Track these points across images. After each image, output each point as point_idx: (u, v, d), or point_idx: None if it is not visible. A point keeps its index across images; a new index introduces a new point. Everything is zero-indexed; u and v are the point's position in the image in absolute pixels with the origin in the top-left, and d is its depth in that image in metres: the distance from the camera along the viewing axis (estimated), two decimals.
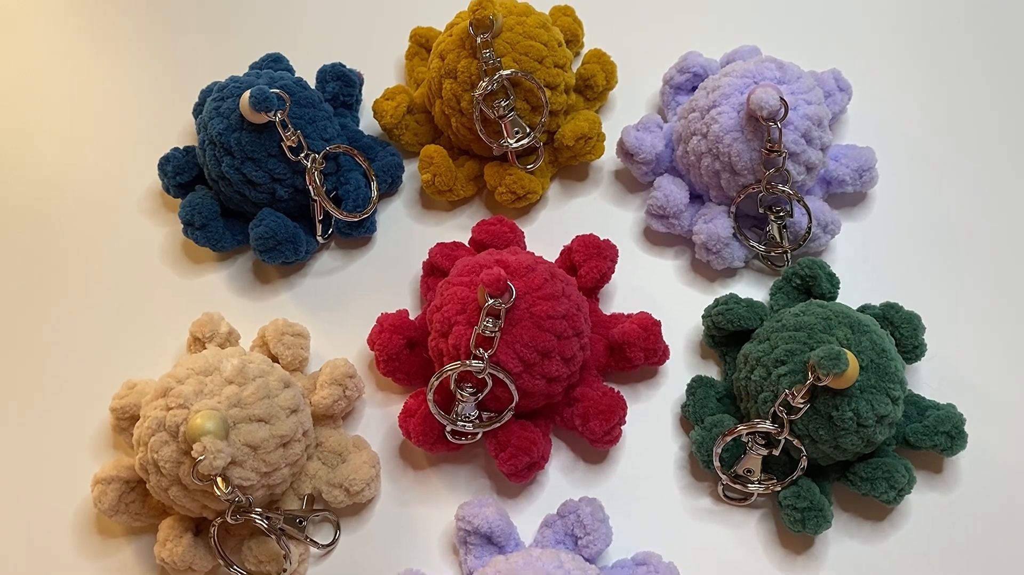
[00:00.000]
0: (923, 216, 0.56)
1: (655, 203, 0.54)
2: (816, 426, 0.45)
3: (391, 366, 0.51)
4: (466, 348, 0.46)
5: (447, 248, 0.54)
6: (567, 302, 0.47)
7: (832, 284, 0.51)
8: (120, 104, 0.64)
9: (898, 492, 0.46)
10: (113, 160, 0.61)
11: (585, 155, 0.56)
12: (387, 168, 0.57)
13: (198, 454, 0.42)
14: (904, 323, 0.49)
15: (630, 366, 0.51)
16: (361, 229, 0.56)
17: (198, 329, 0.52)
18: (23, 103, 0.64)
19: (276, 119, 0.51)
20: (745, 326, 0.50)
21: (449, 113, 0.55)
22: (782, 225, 0.53)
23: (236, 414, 0.44)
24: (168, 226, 0.59)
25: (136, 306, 0.56)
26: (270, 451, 0.45)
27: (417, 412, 0.49)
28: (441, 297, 0.48)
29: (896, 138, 0.58)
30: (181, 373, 0.46)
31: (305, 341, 0.52)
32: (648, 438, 0.51)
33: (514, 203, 0.56)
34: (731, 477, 0.48)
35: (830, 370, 0.42)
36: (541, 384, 0.47)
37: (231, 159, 0.53)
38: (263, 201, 0.54)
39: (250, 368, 0.46)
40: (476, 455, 0.51)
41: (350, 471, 0.48)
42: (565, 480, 0.50)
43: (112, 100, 0.64)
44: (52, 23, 0.67)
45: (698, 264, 0.55)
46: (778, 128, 0.49)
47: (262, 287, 0.57)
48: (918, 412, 0.49)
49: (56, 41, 0.66)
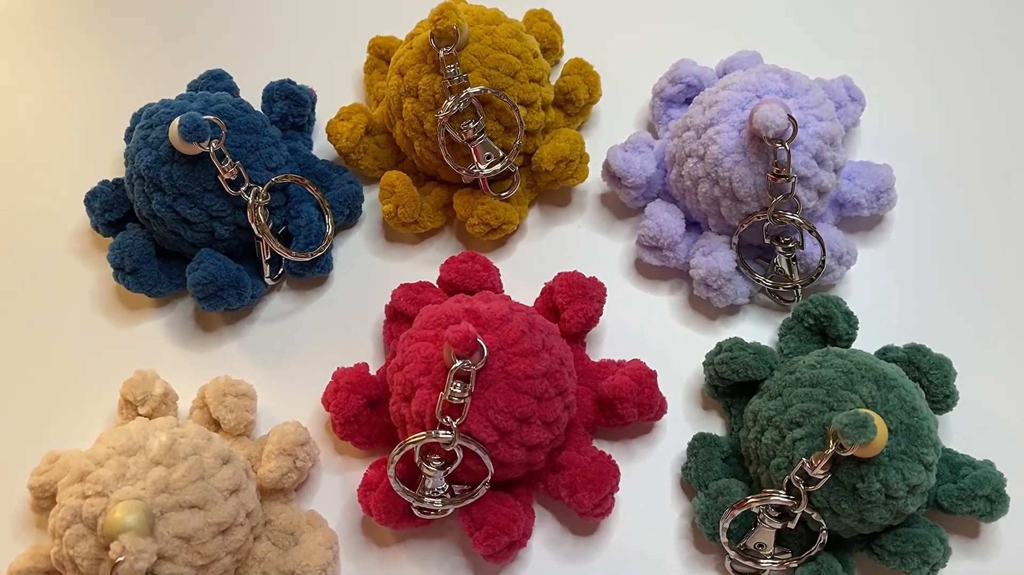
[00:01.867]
0: (948, 240, 0.50)
1: (647, 233, 0.48)
2: (838, 498, 0.39)
3: (349, 429, 0.44)
4: (431, 416, 0.40)
5: (412, 291, 0.47)
6: (548, 357, 0.41)
7: (850, 324, 0.45)
8: (46, 130, 0.57)
9: (932, 567, 0.40)
10: (38, 194, 0.55)
11: (567, 179, 0.50)
12: (344, 198, 0.50)
13: (117, 554, 0.36)
14: (933, 369, 0.43)
15: (622, 423, 0.45)
16: (315, 268, 0.49)
17: (129, 391, 0.45)
18: None
19: (211, 149, 0.45)
20: (753, 376, 0.44)
21: (412, 136, 0.48)
22: (791, 258, 0.46)
23: (164, 501, 0.38)
24: (100, 267, 0.52)
25: (64, 360, 0.50)
26: (206, 541, 0.39)
27: (379, 485, 0.42)
28: (403, 354, 0.42)
29: (916, 152, 0.52)
30: (101, 453, 0.39)
31: (251, 402, 0.46)
32: (645, 504, 0.45)
33: (488, 235, 0.49)
34: (740, 551, 0.42)
35: (856, 439, 0.36)
36: (520, 453, 0.41)
37: (162, 195, 0.46)
38: (201, 241, 0.48)
39: (181, 445, 0.40)
40: (449, 528, 0.45)
41: (303, 555, 0.42)
42: (551, 556, 0.44)
43: (37, 125, 0.57)
44: None
45: (697, 300, 0.49)
46: (786, 150, 0.43)
47: (205, 336, 0.50)
48: (951, 470, 0.43)
49: None
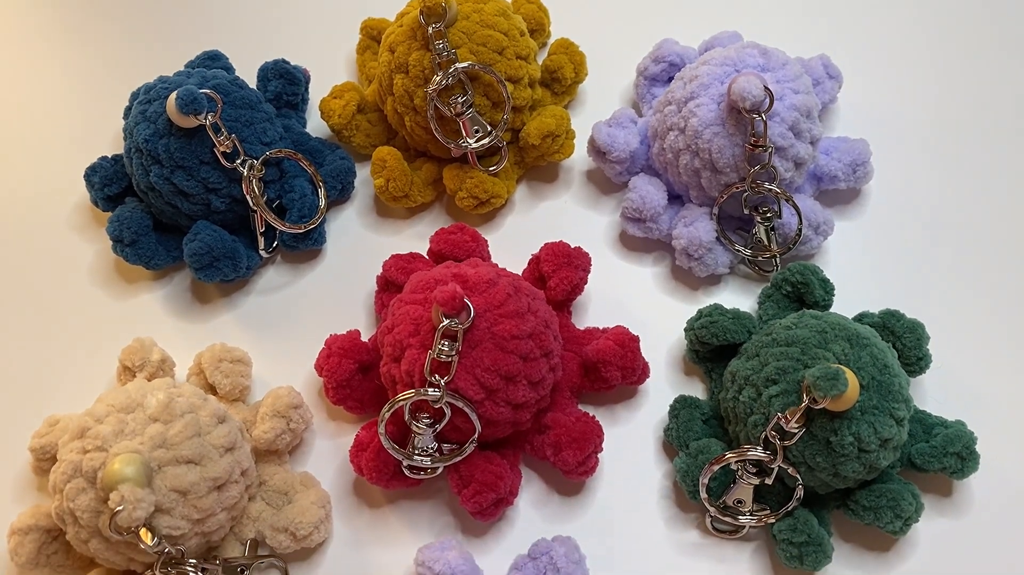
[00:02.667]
0: (924, 213, 0.52)
1: (630, 205, 0.49)
2: (813, 452, 0.40)
3: (341, 394, 0.46)
4: (420, 375, 0.41)
5: (403, 260, 0.49)
6: (534, 319, 0.43)
7: (826, 291, 0.46)
8: (47, 111, 0.58)
9: (905, 522, 0.41)
10: (39, 171, 0.56)
11: (553, 154, 0.51)
12: (337, 173, 0.52)
13: (116, 504, 0.37)
14: (907, 333, 0.45)
15: (606, 386, 0.46)
16: (308, 241, 0.51)
17: (128, 357, 0.47)
18: None
19: (207, 122, 0.46)
20: (732, 340, 0.45)
21: (402, 111, 0.50)
22: (769, 227, 0.48)
23: (161, 456, 0.39)
24: (99, 243, 0.54)
25: (64, 331, 0.51)
26: (202, 496, 0.40)
27: (370, 446, 0.44)
28: (393, 317, 0.44)
29: (892, 129, 0.54)
30: (100, 411, 0.41)
31: (246, 368, 0.47)
32: (628, 465, 0.46)
33: (476, 209, 0.51)
34: (720, 508, 0.43)
35: (828, 391, 0.37)
36: (506, 412, 0.42)
37: (160, 168, 0.47)
38: (198, 213, 0.49)
39: (178, 403, 0.41)
40: (438, 490, 0.46)
41: (296, 513, 0.43)
42: (537, 515, 0.46)
43: (38, 105, 0.58)
44: None
45: (679, 271, 0.51)
46: (763, 121, 0.44)
47: (201, 308, 0.52)
48: (924, 430, 0.44)
49: None
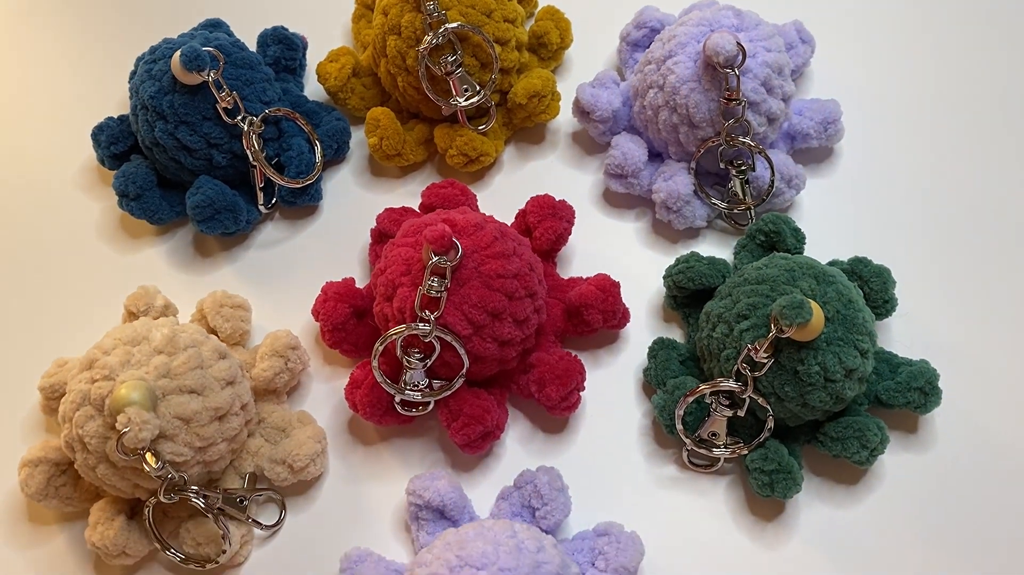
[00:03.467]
0: (892, 172, 0.54)
1: (613, 162, 0.52)
2: (781, 382, 0.42)
3: (337, 337, 0.48)
4: (411, 311, 0.43)
5: (396, 213, 0.51)
6: (519, 261, 0.45)
7: (797, 240, 0.48)
8: (54, 75, 0.61)
9: (871, 452, 0.44)
10: (47, 133, 0.59)
11: (539, 115, 0.54)
12: (333, 133, 0.54)
13: (122, 426, 0.39)
14: (873, 277, 0.47)
15: (589, 330, 0.48)
16: (306, 197, 0.53)
17: (132, 303, 0.49)
18: None
19: (209, 79, 0.48)
20: (707, 284, 0.47)
21: (395, 72, 0.52)
22: (744, 180, 0.50)
23: (166, 385, 0.42)
24: (104, 200, 0.56)
25: (71, 284, 0.54)
26: (204, 424, 0.42)
27: (364, 383, 0.46)
28: (385, 259, 0.46)
29: (863, 92, 0.56)
30: (107, 344, 0.43)
31: (245, 313, 0.49)
32: (609, 406, 0.49)
33: (466, 166, 0.53)
34: (696, 441, 0.45)
35: (793, 320, 0.40)
36: (493, 348, 0.44)
37: (164, 124, 0.50)
38: (200, 168, 0.51)
39: (181, 338, 0.43)
40: (429, 428, 0.49)
41: (293, 446, 0.45)
42: (523, 451, 0.48)
43: (46, 71, 0.61)
44: None
45: (659, 225, 0.53)
46: (736, 75, 0.47)
47: (202, 261, 0.54)
48: (890, 370, 0.46)
49: None
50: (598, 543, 0.43)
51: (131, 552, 0.44)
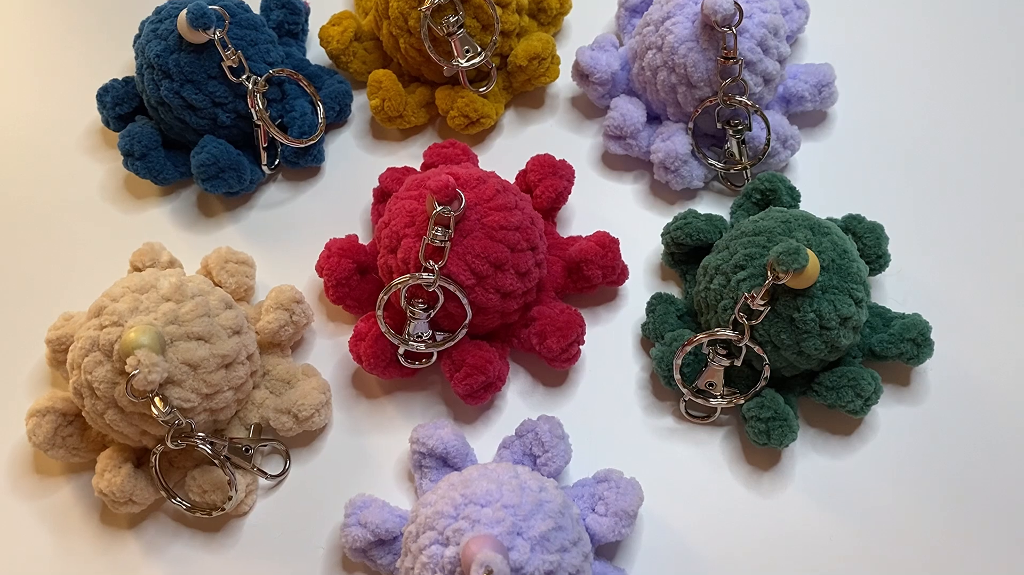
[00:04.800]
0: (884, 135, 0.55)
1: (612, 123, 0.53)
2: (778, 330, 0.43)
3: (340, 292, 0.49)
4: (415, 261, 0.44)
5: (398, 172, 0.52)
6: (520, 214, 0.46)
7: (792, 197, 0.49)
8: (58, 41, 0.61)
9: (865, 401, 0.45)
10: (51, 98, 0.59)
11: (539, 78, 0.54)
12: (335, 96, 0.55)
13: (132, 368, 0.40)
14: (867, 233, 0.48)
15: (589, 286, 0.49)
16: (308, 158, 0.54)
17: (138, 258, 0.49)
18: None
19: (215, 38, 0.49)
20: (705, 240, 0.48)
21: (397, 34, 0.53)
22: (740, 140, 0.51)
23: (174, 331, 0.42)
24: (108, 163, 0.57)
25: (76, 243, 0.54)
26: (211, 371, 0.43)
27: (368, 335, 0.47)
28: (389, 212, 0.47)
29: (855, 57, 0.57)
30: (116, 291, 0.44)
31: (250, 269, 0.50)
32: (608, 360, 0.50)
33: (467, 128, 0.54)
34: (693, 391, 0.46)
35: (789, 266, 0.41)
36: (495, 299, 0.45)
37: (170, 82, 0.50)
38: (205, 128, 0.52)
39: (189, 286, 0.44)
40: (432, 382, 0.49)
41: (299, 396, 0.46)
42: (523, 404, 0.49)
43: (49, 37, 0.61)
44: None
45: (657, 186, 0.54)
46: (733, 34, 0.48)
47: (206, 221, 0.55)
48: (884, 323, 0.47)
49: None
50: (598, 489, 0.44)
51: (138, 499, 0.45)
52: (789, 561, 0.45)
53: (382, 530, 0.42)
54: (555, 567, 0.37)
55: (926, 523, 0.45)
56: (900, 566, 0.44)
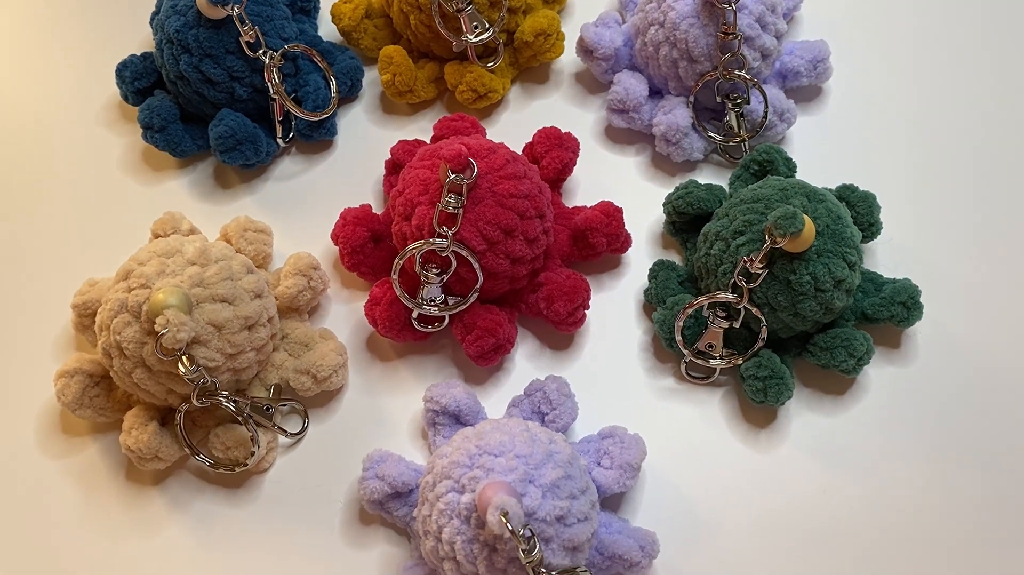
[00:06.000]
0: (877, 109, 0.57)
1: (615, 97, 0.55)
2: (775, 292, 0.46)
3: (355, 259, 0.51)
4: (429, 227, 0.46)
5: (409, 144, 0.54)
6: (529, 183, 0.48)
7: (789, 168, 0.52)
8: (75, 17, 0.63)
9: (857, 361, 0.47)
10: (69, 73, 0.61)
11: (545, 53, 0.56)
12: (347, 71, 0.57)
13: (161, 327, 0.42)
14: (860, 202, 0.50)
15: (593, 253, 0.51)
16: (322, 131, 0.56)
17: (159, 227, 0.51)
18: None
19: (234, 13, 0.51)
20: (705, 208, 0.50)
21: (408, 11, 0.55)
22: (739, 113, 0.53)
23: (199, 293, 0.44)
24: (127, 136, 0.58)
25: (97, 214, 0.56)
26: (235, 332, 0.45)
27: (383, 300, 0.49)
28: (403, 182, 0.49)
29: (850, 34, 0.59)
30: (143, 256, 0.46)
31: (267, 237, 0.52)
32: (612, 325, 0.52)
33: (475, 102, 0.56)
34: (694, 353, 0.48)
35: (787, 230, 0.43)
36: (505, 264, 0.47)
37: (189, 57, 0.52)
38: (222, 101, 0.54)
39: (212, 251, 0.46)
40: (443, 346, 0.51)
41: (317, 357, 0.48)
42: (531, 367, 0.51)
43: (67, 13, 0.63)
44: None
45: (659, 159, 0.56)
46: (733, 11, 0.50)
47: (223, 192, 0.56)
48: (876, 288, 0.50)
49: None
50: (603, 444, 0.46)
51: (163, 456, 0.47)
52: (784, 513, 0.47)
53: (399, 482, 0.44)
54: (565, 512, 0.40)
55: (914, 477, 0.47)
56: (890, 517, 0.47)
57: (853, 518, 0.47)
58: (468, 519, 0.39)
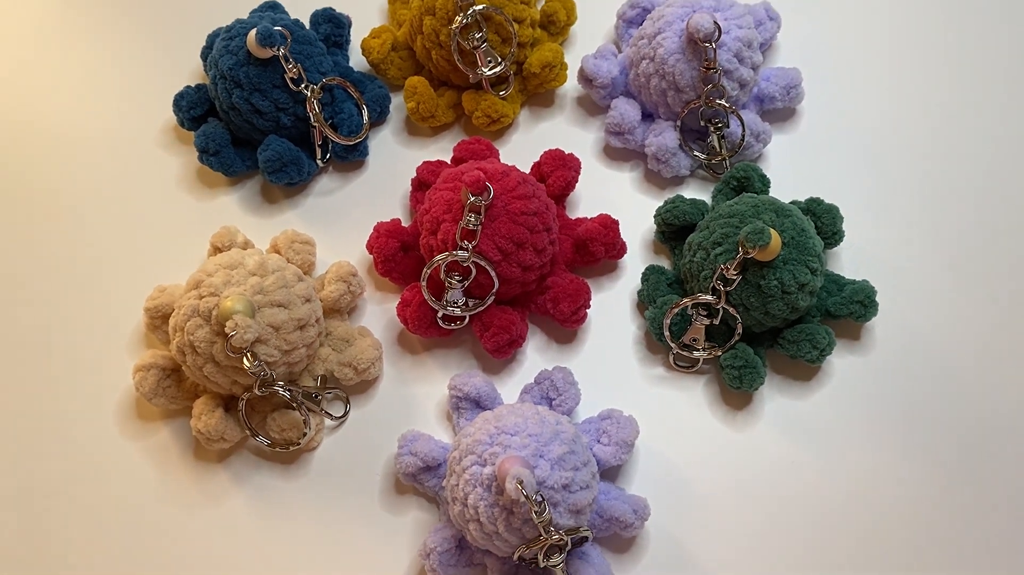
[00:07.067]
0: (843, 129, 0.64)
1: (612, 121, 0.62)
2: (748, 294, 0.53)
3: (388, 266, 0.58)
4: (453, 241, 0.54)
5: (432, 164, 0.61)
6: (537, 202, 0.56)
7: (763, 184, 0.59)
8: (134, 52, 0.70)
9: (820, 352, 0.55)
10: (130, 102, 0.68)
11: (550, 82, 0.64)
12: (376, 99, 0.64)
13: (231, 330, 0.50)
14: (825, 213, 0.58)
15: (593, 260, 0.59)
16: (355, 153, 0.63)
17: (218, 239, 0.59)
18: (50, 56, 0.71)
19: (279, 53, 0.59)
20: (690, 220, 0.58)
21: (429, 47, 0.63)
22: (720, 135, 0.61)
23: (260, 300, 0.52)
24: (182, 156, 0.66)
25: (159, 226, 0.64)
26: (289, 332, 0.53)
27: (412, 302, 0.57)
28: (429, 201, 0.56)
29: (822, 61, 0.66)
30: (211, 267, 0.54)
31: (312, 248, 0.60)
32: (610, 322, 0.60)
33: (489, 126, 0.64)
34: (680, 346, 0.56)
35: (756, 243, 0.51)
36: (517, 271, 0.55)
37: (240, 91, 0.60)
38: (269, 129, 0.62)
39: (269, 262, 0.54)
40: (464, 341, 0.59)
41: (357, 352, 0.56)
42: (540, 358, 0.59)
43: (125, 49, 0.71)
44: None
45: (650, 175, 0.64)
46: (713, 49, 0.57)
47: (269, 206, 0.64)
48: (838, 288, 0.57)
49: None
50: (602, 425, 0.54)
51: (228, 438, 0.55)
52: (757, 482, 0.55)
53: (430, 458, 0.52)
54: (570, 481, 0.48)
55: (872, 451, 0.55)
56: (848, 486, 0.54)
57: (817, 486, 0.55)
58: (489, 487, 0.48)
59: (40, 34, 0.72)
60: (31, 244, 0.64)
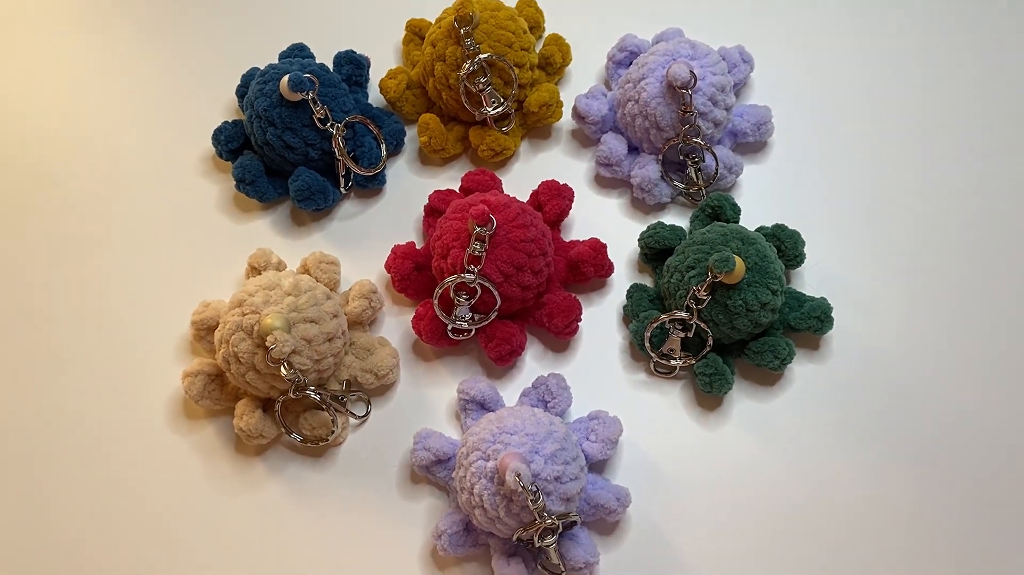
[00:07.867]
0: (809, 161, 0.71)
1: (602, 154, 0.70)
2: (716, 312, 0.61)
3: (403, 284, 0.66)
4: (460, 265, 0.62)
5: (442, 193, 0.69)
6: (535, 230, 0.64)
7: (735, 211, 0.67)
8: (173, 87, 0.78)
9: (781, 361, 0.62)
10: (172, 134, 0.76)
11: (547, 118, 0.72)
12: (393, 133, 0.72)
13: (270, 343, 0.58)
14: (788, 238, 0.65)
15: (584, 279, 0.67)
16: (375, 182, 0.71)
17: (254, 260, 0.67)
18: (97, 92, 0.79)
19: (309, 97, 0.66)
20: (669, 245, 0.66)
21: (440, 88, 0.70)
22: (697, 168, 0.69)
23: (295, 317, 0.60)
24: (220, 184, 0.74)
25: (200, 246, 0.72)
26: (320, 344, 0.61)
27: (426, 316, 0.65)
28: (440, 229, 0.64)
29: (790, 100, 0.73)
30: (251, 288, 0.62)
31: (337, 268, 0.68)
32: (598, 333, 0.67)
33: (493, 158, 0.72)
34: (659, 355, 0.64)
35: (722, 268, 0.58)
36: (517, 291, 0.63)
37: (274, 129, 0.68)
38: (299, 161, 0.70)
39: (302, 283, 0.62)
40: (470, 350, 0.67)
41: (377, 360, 0.64)
42: (537, 365, 0.67)
43: (166, 85, 0.78)
44: (114, 26, 0.82)
45: (635, 202, 0.71)
46: (690, 94, 0.65)
47: (298, 229, 0.72)
48: (799, 304, 0.65)
49: (119, 39, 0.81)
50: (590, 424, 0.62)
51: (265, 435, 0.63)
52: (726, 475, 0.62)
53: (441, 452, 0.61)
54: (561, 473, 0.56)
55: (827, 449, 0.62)
56: (806, 480, 0.62)
57: (779, 480, 0.61)
58: (492, 479, 0.56)
59: (96, 74, 0.80)
60: (91, 263, 0.72)
